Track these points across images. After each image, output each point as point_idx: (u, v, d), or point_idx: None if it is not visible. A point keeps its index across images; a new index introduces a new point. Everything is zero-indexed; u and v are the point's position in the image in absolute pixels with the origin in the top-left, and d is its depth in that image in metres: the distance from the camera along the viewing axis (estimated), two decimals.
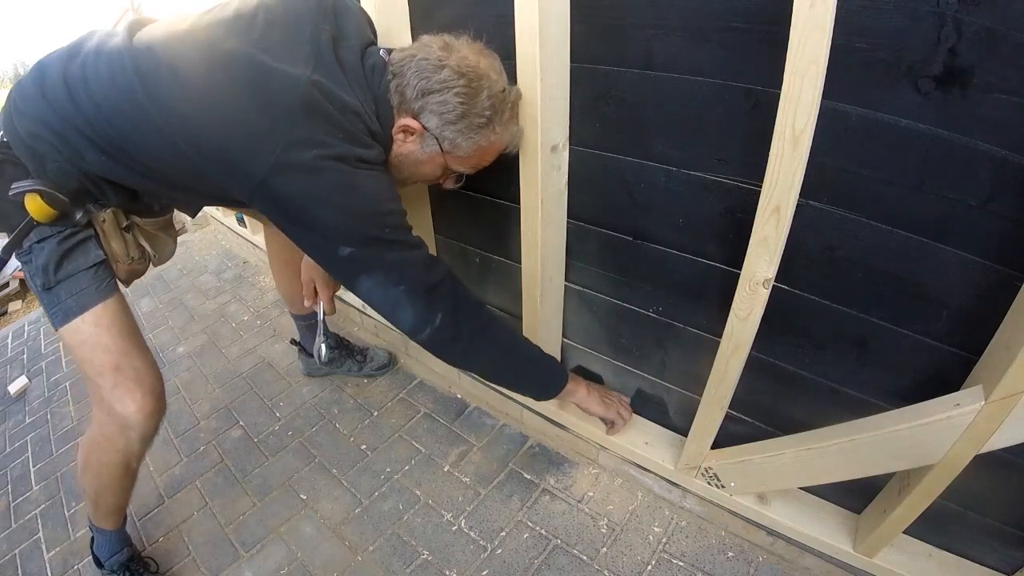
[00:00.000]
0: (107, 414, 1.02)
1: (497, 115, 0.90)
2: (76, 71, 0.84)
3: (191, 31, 0.84)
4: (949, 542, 1.01)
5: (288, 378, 1.86)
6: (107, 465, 1.07)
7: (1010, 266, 0.73)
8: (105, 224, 0.99)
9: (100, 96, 0.82)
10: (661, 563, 1.20)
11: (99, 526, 1.23)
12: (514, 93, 0.94)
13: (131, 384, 1.00)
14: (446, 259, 1.58)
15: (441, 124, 0.88)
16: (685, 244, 1.03)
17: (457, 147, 0.91)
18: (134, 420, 1.01)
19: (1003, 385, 0.70)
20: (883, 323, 0.86)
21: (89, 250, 0.97)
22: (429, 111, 0.88)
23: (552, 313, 1.30)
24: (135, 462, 1.10)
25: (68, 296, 0.95)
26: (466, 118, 0.88)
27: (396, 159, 0.95)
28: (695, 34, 0.84)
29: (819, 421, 0.99)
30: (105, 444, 1.05)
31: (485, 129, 0.90)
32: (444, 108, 0.87)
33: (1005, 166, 0.68)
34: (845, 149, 0.78)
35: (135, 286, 2.57)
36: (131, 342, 1.02)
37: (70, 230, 0.95)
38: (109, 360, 0.98)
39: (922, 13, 0.65)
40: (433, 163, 0.95)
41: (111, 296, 1.00)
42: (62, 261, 0.94)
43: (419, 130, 0.90)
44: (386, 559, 1.28)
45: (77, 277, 0.96)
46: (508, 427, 1.58)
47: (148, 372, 1.03)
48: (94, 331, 0.97)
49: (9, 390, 2.01)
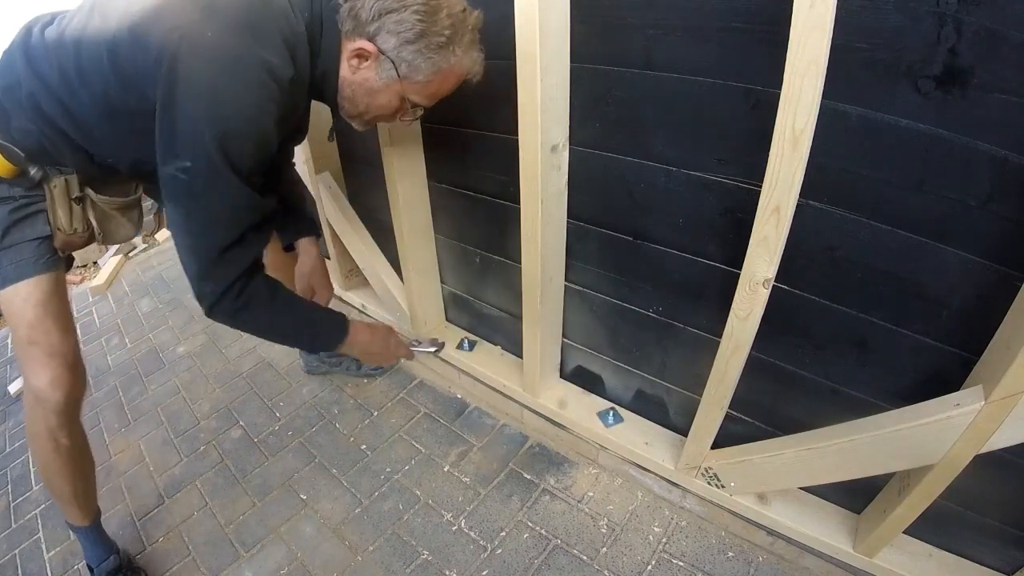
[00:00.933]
0: (27, 388, 1.05)
1: (457, 35, 0.86)
2: (54, 24, 0.90)
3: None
4: (949, 542, 1.01)
5: (288, 378, 1.86)
6: (38, 441, 1.08)
7: (1010, 266, 0.73)
8: (55, 190, 1.00)
9: (64, 31, 0.87)
10: (661, 563, 1.20)
11: (71, 522, 1.21)
12: (475, 16, 0.90)
13: (45, 357, 1.01)
14: (446, 259, 1.58)
15: (399, 44, 0.85)
16: (685, 244, 1.03)
17: (415, 70, 0.87)
18: (46, 392, 1.02)
19: (1003, 385, 0.70)
20: (883, 323, 0.87)
21: (37, 223, 0.99)
22: (386, 31, 0.84)
23: (552, 313, 1.30)
24: (63, 438, 1.08)
25: (9, 264, 0.98)
26: (425, 37, 0.84)
27: (349, 88, 0.92)
28: (695, 34, 0.84)
29: (819, 421, 0.99)
30: (31, 417, 1.06)
31: (444, 50, 0.86)
32: (402, 27, 0.83)
33: (1005, 166, 0.68)
34: (845, 149, 0.78)
35: (135, 286, 2.59)
36: (55, 321, 1.03)
37: (25, 198, 0.97)
38: (29, 335, 1.00)
39: (922, 13, 0.65)
40: (389, 91, 0.90)
41: (48, 272, 1.02)
42: (10, 229, 0.97)
43: (374, 53, 0.86)
44: (386, 559, 1.28)
45: (21, 247, 0.98)
46: (508, 427, 1.58)
47: (63, 347, 1.04)
48: (23, 305, 0.99)
49: (9, 390, 2.01)
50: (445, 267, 1.61)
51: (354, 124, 1.00)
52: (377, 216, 1.67)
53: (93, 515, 1.23)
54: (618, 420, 1.33)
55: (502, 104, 1.10)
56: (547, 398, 1.41)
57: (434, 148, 1.38)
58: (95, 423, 1.77)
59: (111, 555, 1.25)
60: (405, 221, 1.45)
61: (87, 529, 1.23)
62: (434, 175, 1.44)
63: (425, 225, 1.51)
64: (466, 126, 1.27)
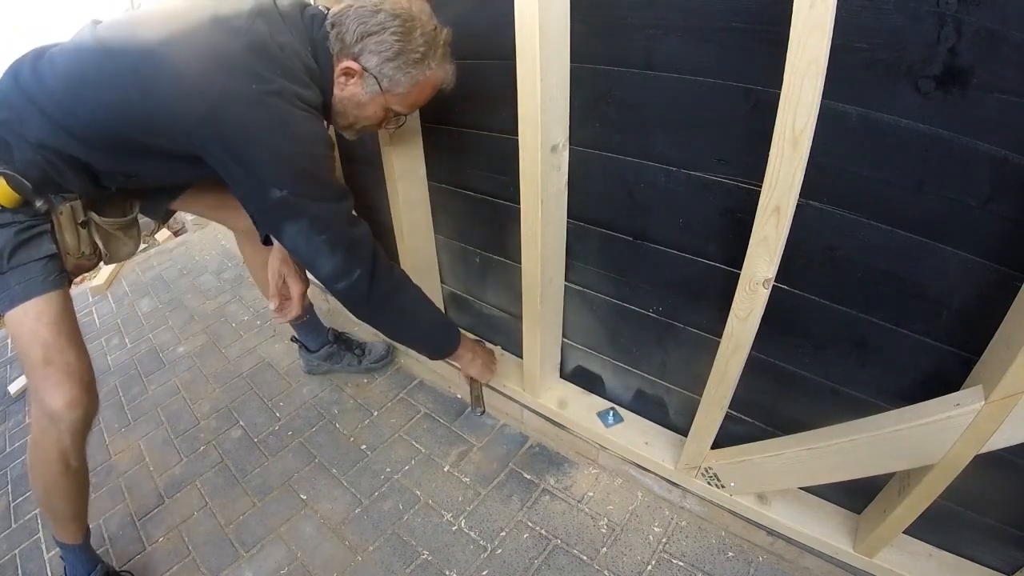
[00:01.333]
0: (39, 409, 1.04)
1: (431, 51, 0.98)
2: (46, 57, 0.96)
3: (151, 8, 0.96)
4: (949, 542, 1.01)
5: (288, 378, 1.86)
6: (46, 463, 1.07)
7: (1010, 266, 0.73)
8: (62, 216, 1.04)
9: (62, 68, 0.93)
10: (661, 563, 1.20)
11: (61, 540, 1.19)
12: (445, 33, 1.01)
13: (61, 377, 1.02)
14: (446, 259, 1.58)
15: (380, 62, 0.96)
16: (685, 244, 1.03)
17: (396, 83, 0.98)
18: (62, 413, 1.02)
19: (1003, 385, 0.70)
20: (883, 323, 0.87)
21: (43, 243, 1.02)
22: (368, 52, 0.96)
23: (552, 313, 1.30)
24: (73, 460, 1.09)
25: (17, 283, 0.99)
26: (403, 55, 0.95)
27: (339, 103, 1.03)
28: (695, 34, 0.84)
29: (819, 421, 0.99)
30: (41, 440, 1.06)
31: (421, 64, 0.98)
32: (382, 47, 0.95)
33: (1005, 166, 0.68)
34: (845, 149, 0.78)
35: (135, 286, 2.58)
36: (68, 340, 1.04)
37: (29, 222, 1.00)
38: (43, 354, 1.01)
39: (922, 13, 0.65)
40: (375, 103, 1.02)
41: (56, 290, 1.04)
42: (16, 250, 0.99)
43: (359, 71, 0.98)
44: (386, 559, 1.28)
45: (28, 266, 1.00)
46: (508, 427, 1.58)
47: (79, 367, 1.05)
48: (35, 325, 1.00)
49: (9, 390, 2.01)
50: (445, 267, 1.61)
51: (345, 134, 1.11)
52: (377, 216, 1.67)
53: (85, 533, 1.22)
54: (618, 420, 1.33)
55: (502, 104, 1.10)
56: (547, 398, 1.42)
57: (434, 148, 1.38)
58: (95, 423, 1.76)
59: (97, 565, 1.23)
60: (405, 221, 1.45)
61: (78, 548, 1.21)
62: (434, 175, 1.44)
63: (425, 225, 1.51)
64: (466, 126, 1.27)
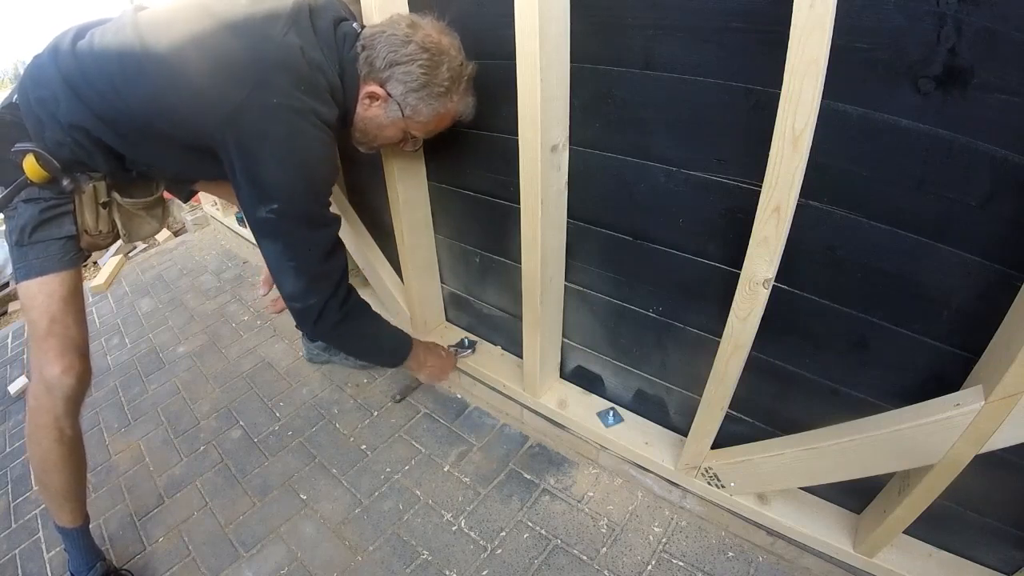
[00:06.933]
0: (38, 376, 1.08)
1: (455, 85, 1.02)
2: (86, 39, 0.97)
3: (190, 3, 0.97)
4: (949, 542, 1.01)
5: (288, 378, 1.86)
6: (43, 429, 1.10)
7: (1010, 266, 0.73)
8: (84, 196, 1.08)
9: (100, 54, 0.94)
10: (661, 563, 1.20)
11: (61, 525, 1.20)
12: (470, 68, 1.05)
13: (62, 347, 1.07)
14: (446, 259, 1.58)
15: (405, 92, 1.00)
16: (685, 244, 1.03)
17: (417, 112, 1.02)
18: (58, 379, 1.07)
19: (1003, 385, 0.70)
20: (883, 323, 0.87)
21: (64, 223, 1.06)
22: (395, 80, 0.99)
23: (552, 313, 1.30)
24: (67, 428, 1.12)
25: (35, 257, 1.05)
26: (427, 87, 0.99)
27: (361, 121, 1.06)
28: (695, 34, 0.84)
29: (819, 421, 0.99)
30: (36, 408, 1.10)
31: (444, 97, 1.02)
32: (408, 78, 0.98)
33: (1005, 166, 0.68)
34: (845, 149, 0.78)
35: (135, 286, 2.59)
36: (74, 317, 1.10)
37: (54, 200, 1.04)
38: (49, 326, 1.06)
39: (922, 13, 0.65)
40: (395, 127, 1.06)
41: (70, 269, 1.08)
42: (39, 227, 1.03)
43: (384, 96, 1.01)
44: (386, 559, 1.28)
45: (48, 244, 1.05)
46: (508, 427, 1.58)
47: (79, 340, 1.11)
48: (46, 299, 1.06)
49: (9, 390, 2.01)
50: (445, 267, 1.61)
51: (361, 149, 1.15)
52: (377, 216, 1.67)
53: (83, 518, 1.22)
54: (618, 420, 1.33)
55: (502, 104, 1.10)
56: (547, 398, 1.42)
57: (434, 148, 1.38)
58: (95, 423, 1.77)
59: (98, 562, 1.23)
60: (405, 221, 1.45)
61: (76, 532, 1.21)
62: (434, 175, 1.44)
63: (425, 225, 1.51)
64: (466, 126, 1.27)
